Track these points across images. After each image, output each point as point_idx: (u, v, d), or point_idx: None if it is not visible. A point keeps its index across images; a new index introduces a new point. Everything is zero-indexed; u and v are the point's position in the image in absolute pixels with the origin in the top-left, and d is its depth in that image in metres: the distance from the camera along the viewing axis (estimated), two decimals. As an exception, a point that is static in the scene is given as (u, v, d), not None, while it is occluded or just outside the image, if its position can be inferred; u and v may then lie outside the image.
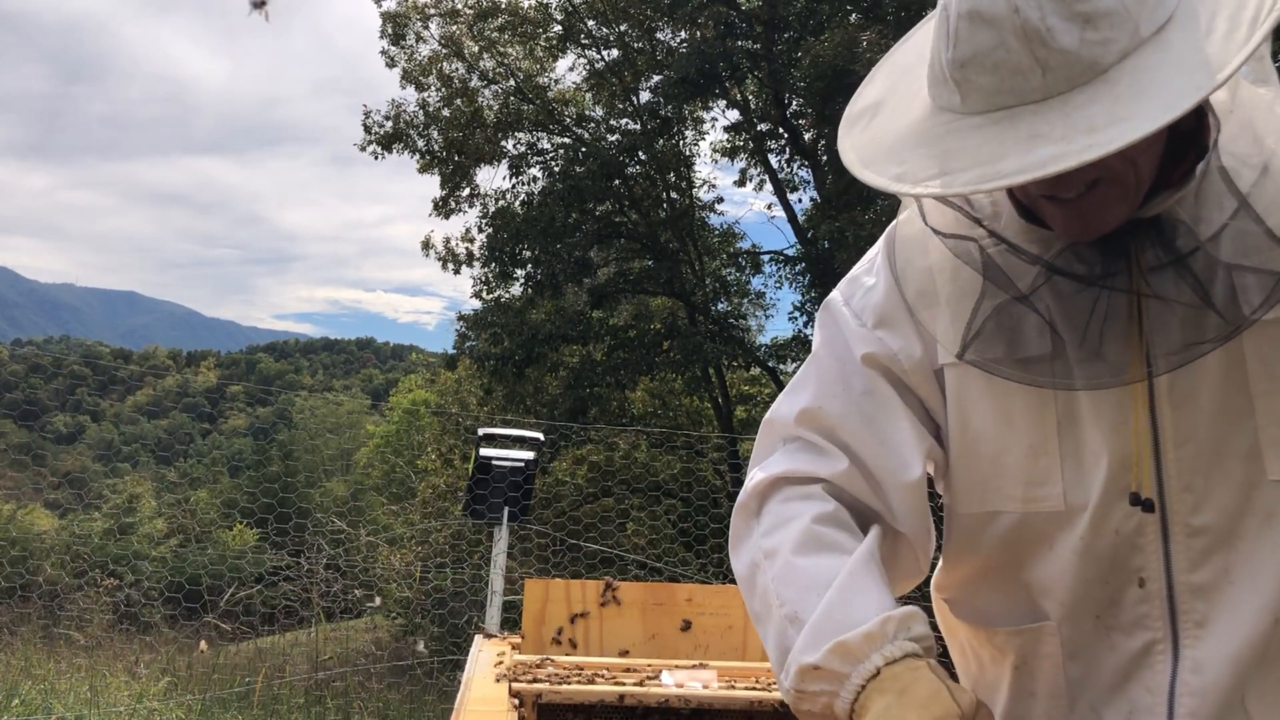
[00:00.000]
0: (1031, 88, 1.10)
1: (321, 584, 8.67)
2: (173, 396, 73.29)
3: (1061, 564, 1.36)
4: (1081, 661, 1.39)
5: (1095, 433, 1.30)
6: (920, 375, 1.41)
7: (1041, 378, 1.28)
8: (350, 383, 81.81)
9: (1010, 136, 1.10)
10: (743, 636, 1.94)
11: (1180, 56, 1.08)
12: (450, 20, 20.38)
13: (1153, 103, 1.05)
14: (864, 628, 1.23)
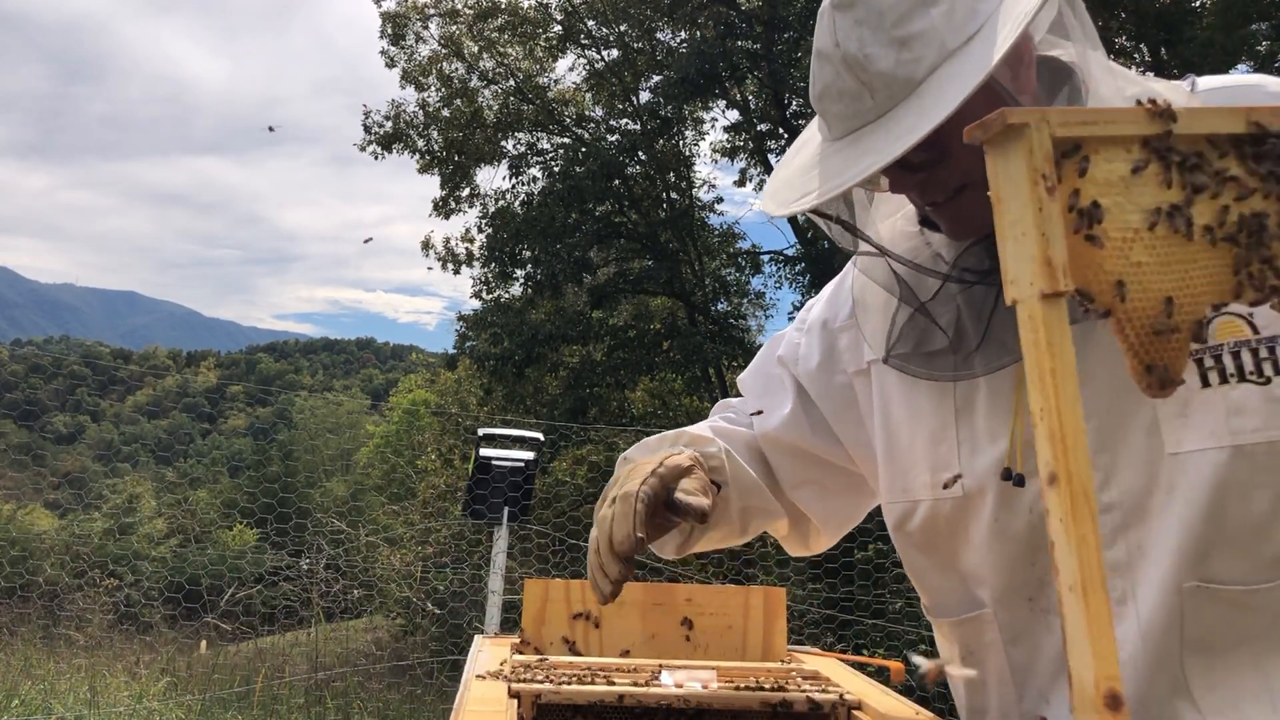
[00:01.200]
0: (866, 109, 1.27)
1: (321, 584, 8.67)
2: (173, 396, 73.29)
3: (983, 548, 1.41)
4: (1023, 647, 1.43)
5: (992, 418, 1.39)
6: (810, 379, 1.62)
7: (943, 372, 1.40)
8: (350, 383, 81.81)
9: (852, 154, 1.27)
10: (742, 637, 1.94)
11: (975, 61, 1.20)
12: (450, 20, 20.39)
13: (941, 100, 1.19)
14: (663, 434, 1.58)
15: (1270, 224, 0.95)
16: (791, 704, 1.55)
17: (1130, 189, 0.94)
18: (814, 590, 9.43)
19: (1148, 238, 0.94)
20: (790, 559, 11.15)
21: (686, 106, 19.62)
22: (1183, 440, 1.28)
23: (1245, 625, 1.29)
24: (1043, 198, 0.90)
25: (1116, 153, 0.94)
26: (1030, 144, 0.91)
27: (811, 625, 8.34)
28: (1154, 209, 0.94)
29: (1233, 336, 1.27)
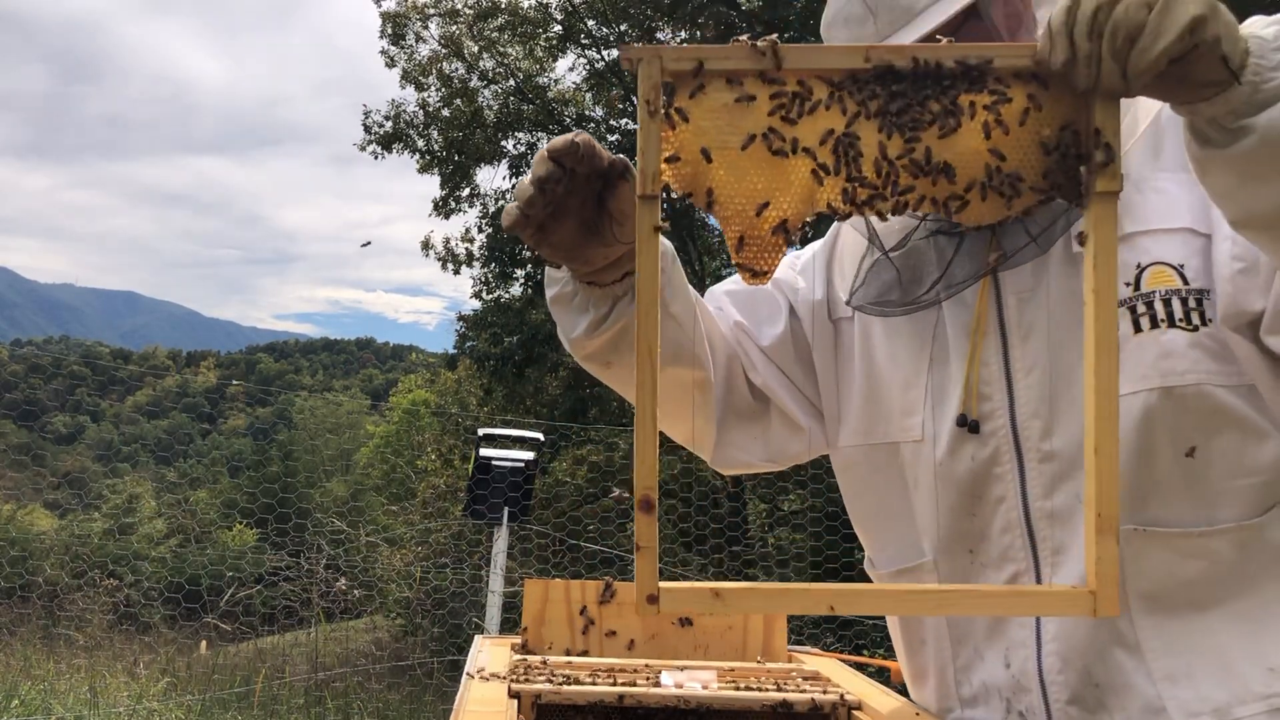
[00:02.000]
0: (868, 33, 1.39)
1: (321, 584, 8.67)
2: (172, 397, 73.29)
3: (929, 493, 1.46)
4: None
5: (955, 368, 1.44)
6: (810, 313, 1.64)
7: (895, 308, 1.47)
8: (350, 383, 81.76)
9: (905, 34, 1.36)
10: (742, 637, 1.94)
11: None
12: (450, 20, 20.38)
13: (933, 17, 1.33)
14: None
15: (862, 146, 1.11)
16: (792, 704, 1.55)
17: (734, 114, 1.12)
18: (814, 590, 9.39)
19: (741, 155, 1.12)
20: (790, 559, 11.15)
21: (686, 106, 19.62)
22: None
23: (1189, 576, 1.31)
24: (645, 120, 1.09)
25: (729, 84, 1.12)
26: (641, 74, 1.09)
27: (812, 625, 8.33)
28: (751, 132, 1.11)
29: (1163, 285, 1.32)
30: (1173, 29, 1.01)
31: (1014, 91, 1.10)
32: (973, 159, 1.10)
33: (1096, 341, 1.09)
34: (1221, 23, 1.03)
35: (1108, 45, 1.03)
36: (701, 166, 1.12)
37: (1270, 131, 1.05)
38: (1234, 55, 1.04)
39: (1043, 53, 1.08)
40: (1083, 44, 1.04)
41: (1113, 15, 1.02)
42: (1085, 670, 1.35)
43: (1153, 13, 1.01)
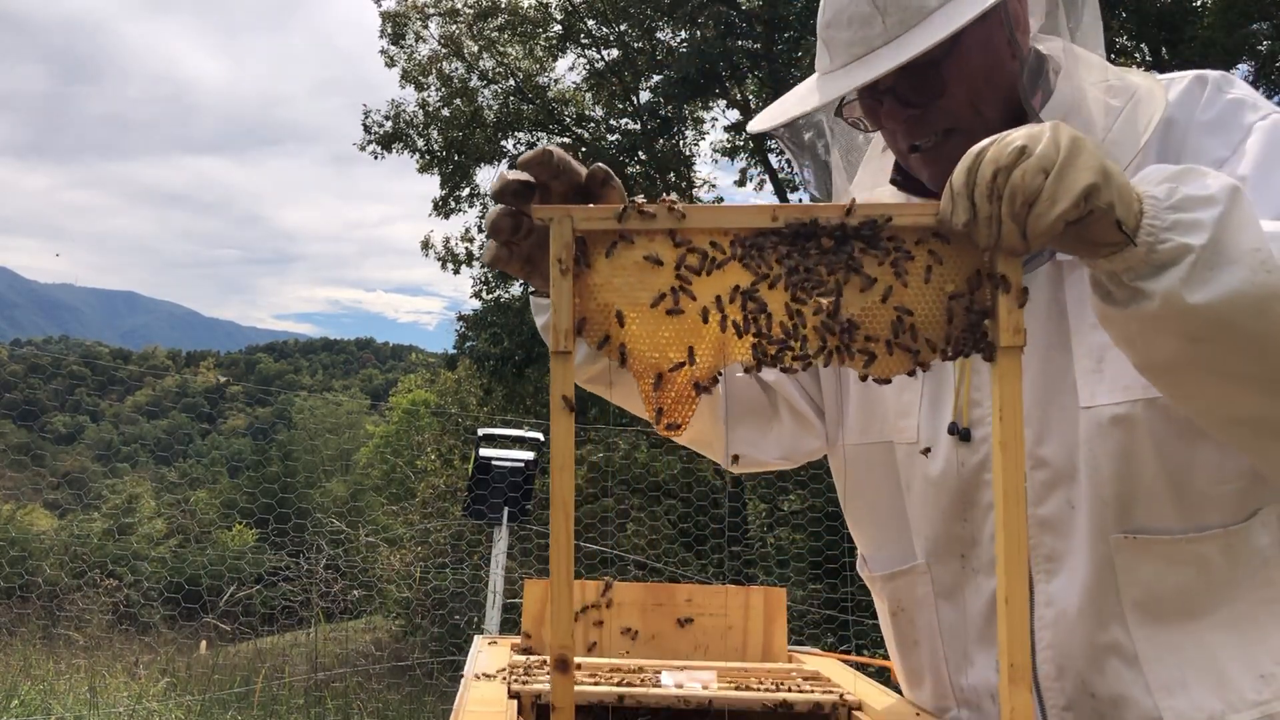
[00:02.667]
0: (876, 34, 1.34)
1: (321, 584, 8.67)
2: (172, 397, 73.30)
3: (923, 497, 1.48)
4: (953, 604, 1.47)
5: (949, 372, 1.46)
6: None
7: None
8: (350, 383, 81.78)
9: (856, 73, 1.34)
10: (742, 637, 1.94)
11: None
12: (450, 20, 20.38)
13: (950, 20, 1.28)
14: None
15: (770, 304, 1.13)
16: (792, 705, 1.55)
17: (644, 271, 1.15)
18: (814, 590, 9.42)
19: (651, 312, 1.15)
20: (790, 559, 11.14)
21: (687, 106, 19.62)
22: (1095, 394, 1.34)
23: (1180, 583, 1.31)
24: (557, 278, 1.14)
25: (639, 240, 1.15)
26: (553, 234, 1.14)
27: (812, 625, 8.33)
28: (660, 290, 1.15)
29: None
30: (1067, 196, 1.04)
31: (917, 249, 1.13)
32: (879, 315, 1.13)
33: (1005, 493, 1.09)
34: (1115, 188, 1.06)
35: (1007, 208, 1.05)
36: (614, 323, 1.15)
37: (1170, 299, 1.08)
38: (1128, 219, 1.07)
39: (944, 213, 1.11)
40: (983, 206, 1.07)
41: (1010, 179, 1.05)
42: (1081, 679, 1.36)
43: (1049, 179, 1.04)
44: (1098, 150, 1.08)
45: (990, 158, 1.07)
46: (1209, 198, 1.09)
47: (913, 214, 1.13)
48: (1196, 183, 1.11)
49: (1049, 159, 1.05)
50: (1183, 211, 1.08)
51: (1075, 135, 1.07)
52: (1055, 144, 1.06)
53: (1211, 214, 1.08)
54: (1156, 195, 1.09)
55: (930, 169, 1.42)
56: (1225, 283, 1.07)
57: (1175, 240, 1.07)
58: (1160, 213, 1.08)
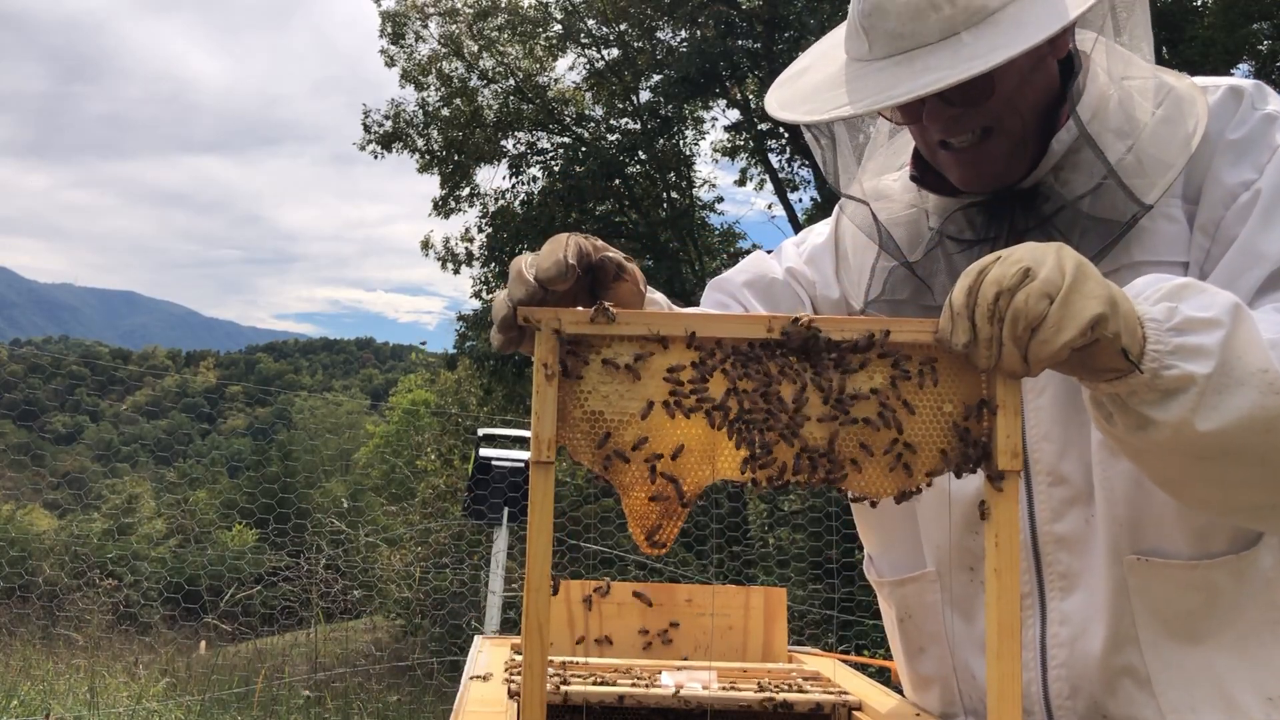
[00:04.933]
0: (928, 30, 1.26)
1: (321, 585, 8.66)
2: (172, 397, 73.28)
3: (935, 507, 1.46)
4: (962, 615, 1.47)
5: None
6: (830, 309, 1.60)
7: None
8: (350, 383, 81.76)
9: (906, 71, 1.26)
10: (743, 637, 1.94)
11: (1053, 2, 1.23)
12: (450, 19, 20.38)
13: (1021, 34, 1.21)
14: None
15: (761, 417, 1.09)
16: (792, 705, 1.55)
17: (633, 378, 1.10)
18: (814, 590, 9.42)
19: (641, 423, 1.09)
20: (790, 559, 11.14)
21: (687, 106, 19.62)
22: None
23: (1190, 607, 1.31)
24: (542, 384, 1.08)
25: (628, 347, 1.10)
26: (539, 338, 1.09)
27: (812, 625, 8.33)
28: (650, 399, 1.09)
29: None
30: (1074, 325, 1.01)
31: (914, 365, 1.10)
32: (874, 434, 1.10)
33: (999, 623, 1.06)
34: (1121, 317, 1.04)
35: (1009, 331, 1.03)
36: (600, 433, 1.10)
37: (1180, 429, 1.06)
38: (1133, 346, 1.05)
39: (944, 332, 1.08)
40: (984, 327, 1.04)
41: (1013, 303, 1.02)
42: (1094, 700, 1.36)
43: (1054, 305, 1.02)
44: (1104, 282, 1.05)
45: (993, 278, 1.04)
46: (1212, 321, 1.07)
47: (911, 330, 1.10)
48: (1197, 301, 1.08)
49: (1054, 284, 1.02)
50: (1186, 335, 1.06)
51: (1080, 259, 1.05)
52: (1060, 269, 1.03)
53: (1215, 338, 1.06)
54: (1157, 317, 1.07)
55: (960, 170, 1.38)
56: (1235, 407, 1.05)
57: (1181, 368, 1.05)
58: (1163, 336, 1.06)
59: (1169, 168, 1.30)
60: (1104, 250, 1.31)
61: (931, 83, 1.22)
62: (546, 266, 1.13)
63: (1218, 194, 1.31)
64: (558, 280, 1.13)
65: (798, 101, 1.39)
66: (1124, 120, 1.33)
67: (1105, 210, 1.32)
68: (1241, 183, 1.29)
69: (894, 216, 1.47)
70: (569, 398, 1.10)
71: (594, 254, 1.18)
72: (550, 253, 1.14)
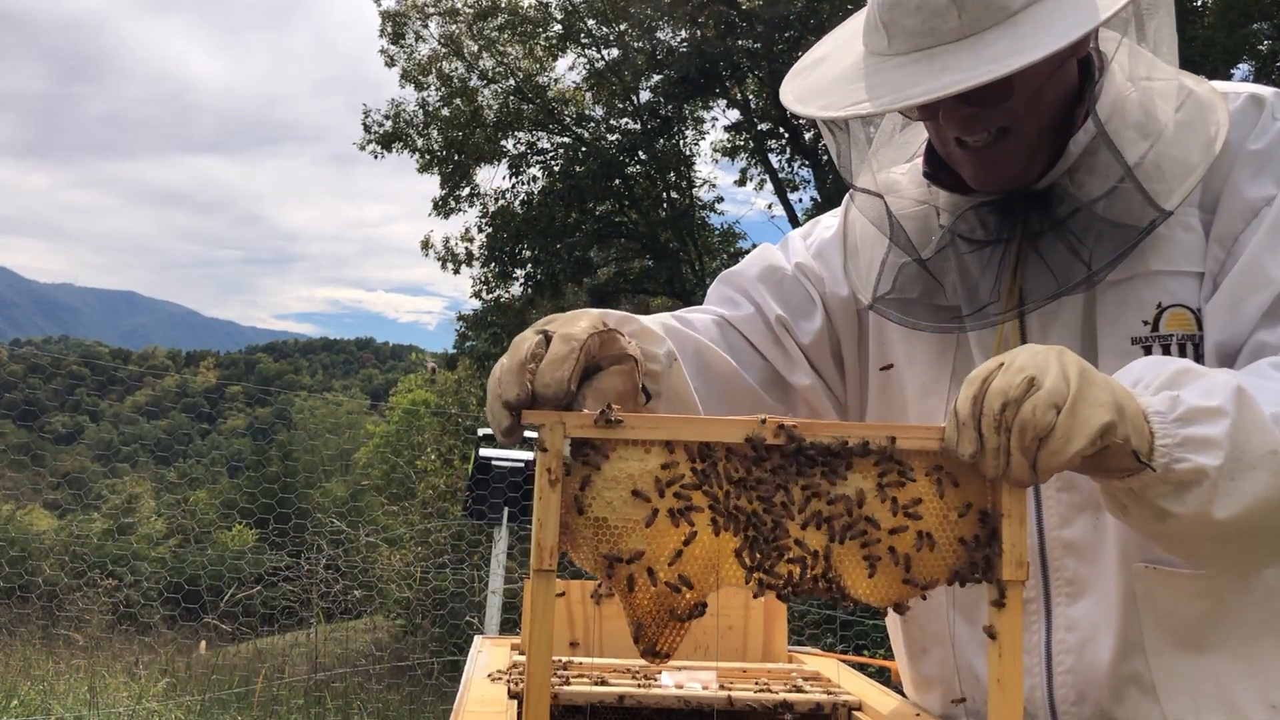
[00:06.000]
0: (949, 28, 1.24)
1: (321, 584, 8.66)
2: (172, 397, 73.26)
3: None
4: (964, 615, 1.46)
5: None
6: (839, 308, 1.57)
7: (925, 322, 1.42)
8: (350, 383, 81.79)
9: (925, 70, 1.24)
10: (743, 637, 1.94)
11: (1077, 4, 1.21)
12: (450, 19, 20.38)
13: (1046, 36, 1.19)
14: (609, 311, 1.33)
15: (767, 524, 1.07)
16: (792, 705, 1.54)
17: (638, 484, 1.07)
18: (814, 590, 9.41)
19: (645, 530, 1.07)
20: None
21: (687, 106, 19.62)
22: None
23: (1195, 615, 1.31)
24: (545, 488, 1.05)
25: (634, 452, 1.08)
26: (544, 441, 1.06)
27: (812, 625, 8.33)
28: (655, 507, 1.07)
29: (1181, 329, 1.31)
30: (1082, 435, 1.01)
31: (918, 473, 1.09)
32: (875, 537, 1.08)
33: None
34: (1129, 422, 1.03)
35: (1016, 442, 1.02)
36: (603, 540, 1.08)
37: (1197, 519, 1.06)
38: (1142, 446, 1.04)
39: (950, 441, 1.07)
40: (990, 437, 1.03)
41: (1020, 413, 1.01)
42: (1100, 707, 1.35)
43: (1061, 414, 1.01)
44: (1108, 381, 1.05)
45: (997, 389, 1.03)
46: (1216, 410, 1.06)
47: (917, 438, 1.09)
48: (1198, 387, 1.08)
49: (1059, 394, 1.01)
50: (1192, 426, 1.06)
51: (1084, 366, 1.04)
52: (1065, 377, 1.02)
53: (1222, 428, 1.05)
54: (1160, 410, 1.06)
55: (975, 169, 1.36)
56: (1250, 492, 1.05)
57: (1191, 461, 1.05)
58: (1169, 428, 1.06)
59: (1190, 173, 1.28)
60: (1120, 255, 1.29)
61: (951, 84, 1.20)
62: (548, 382, 1.10)
63: (1237, 206, 1.29)
64: (556, 401, 1.10)
65: (814, 94, 1.37)
66: (1143, 122, 1.31)
67: (1122, 214, 1.30)
68: (1263, 197, 1.28)
69: (904, 211, 1.45)
70: (570, 503, 1.08)
71: (597, 352, 1.16)
72: (555, 363, 1.11)
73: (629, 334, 1.30)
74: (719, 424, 1.09)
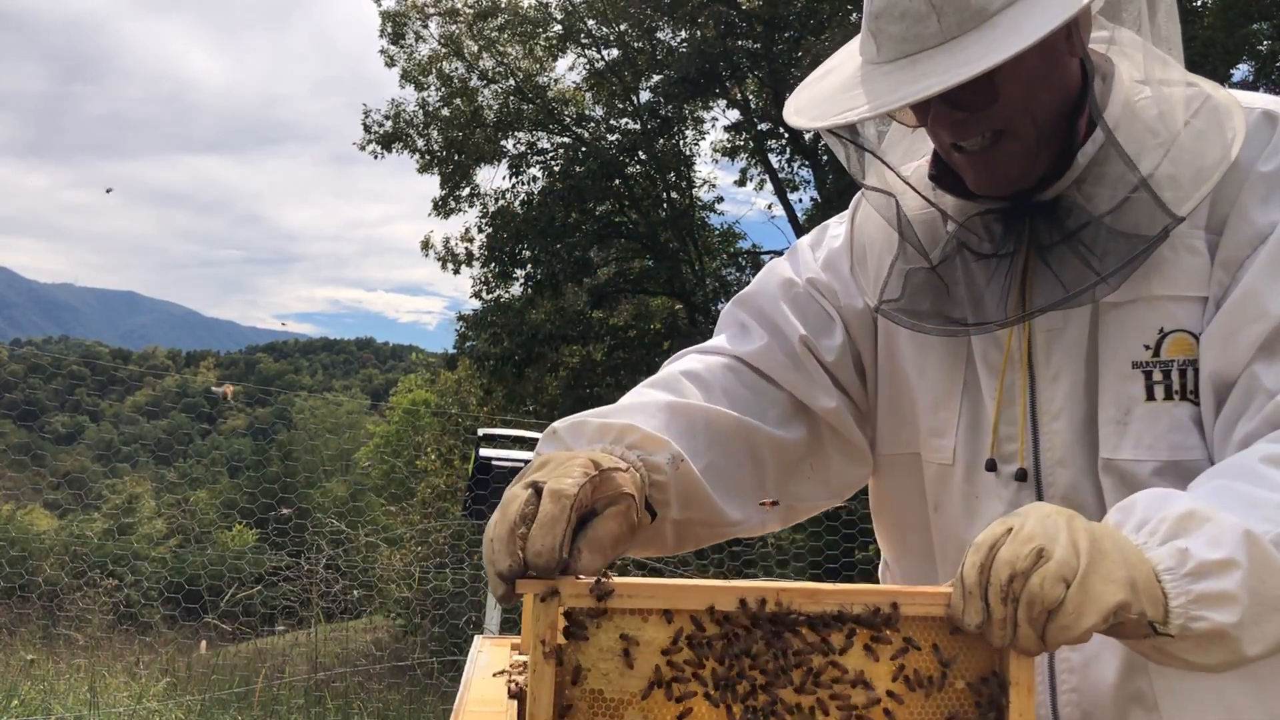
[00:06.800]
0: (930, 33, 1.24)
1: (321, 584, 8.67)
2: (172, 397, 73.26)
3: (952, 523, 1.44)
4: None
5: (988, 402, 1.40)
6: (855, 319, 1.52)
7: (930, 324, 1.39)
8: (350, 383, 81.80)
9: (907, 76, 1.24)
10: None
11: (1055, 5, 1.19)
12: (450, 19, 20.39)
13: (1016, 35, 1.18)
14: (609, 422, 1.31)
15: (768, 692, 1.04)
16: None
17: (634, 654, 1.03)
18: (814, 590, 9.41)
19: (640, 702, 1.03)
20: (790, 559, 11.15)
21: (687, 106, 19.63)
22: (1119, 447, 1.31)
23: None
24: (539, 660, 1.02)
25: (631, 621, 1.04)
26: (538, 611, 1.03)
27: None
28: (651, 679, 1.03)
29: (1183, 355, 1.29)
30: (1095, 613, 0.98)
31: (923, 639, 1.07)
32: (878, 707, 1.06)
33: None
34: (1143, 594, 1.00)
35: (1024, 614, 0.99)
36: (599, 713, 1.04)
37: (1226, 663, 1.05)
38: (1158, 614, 1.02)
39: (955, 610, 1.05)
40: (997, 608, 1.00)
41: (1029, 585, 0.98)
42: None
43: (1071, 589, 0.98)
44: (1119, 551, 1.01)
45: (1005, 559, 1.00)
46: (1227, 562, 1.03)
47: (922, 604, 1.06)
48: (1205, 536, 1.04)
49: (1069, 566, 0.98)
50: (1204, 580, 1.03)
51: (1095, 537, 1.01)
52: (1075, 548, 1.00)
53: (1235, 581, 1.03)
54: (1170, 565, 1.03)
55: (974, 173, 1.34)
56: (1273, 633, 1.04)
57: (1209, 619, 1.02)
58: (1180, 584, 1.02)
59: (1204, 180, 1.25)
60: (1130, 263, 1.26)
61: (925, 88, 1.19)
62: (540, 550, 1.07)
63: (1245, 232, 1.27)
64: (549, 570, 1.07)
65: (809, 106, 1.37)
66: (1156, 127, 1.28)
67: (1133, 224, 1.27)
68: (1269, 223, 1.25)
69: (912, 214, 1.43)
70: (565, 675, 1.05)
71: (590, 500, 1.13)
72: (545, 528, 1.08)
73: (631, 445, 1.27)
74: (717, 591, 1.06)
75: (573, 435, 1.32)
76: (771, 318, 1.53)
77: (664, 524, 1.34)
